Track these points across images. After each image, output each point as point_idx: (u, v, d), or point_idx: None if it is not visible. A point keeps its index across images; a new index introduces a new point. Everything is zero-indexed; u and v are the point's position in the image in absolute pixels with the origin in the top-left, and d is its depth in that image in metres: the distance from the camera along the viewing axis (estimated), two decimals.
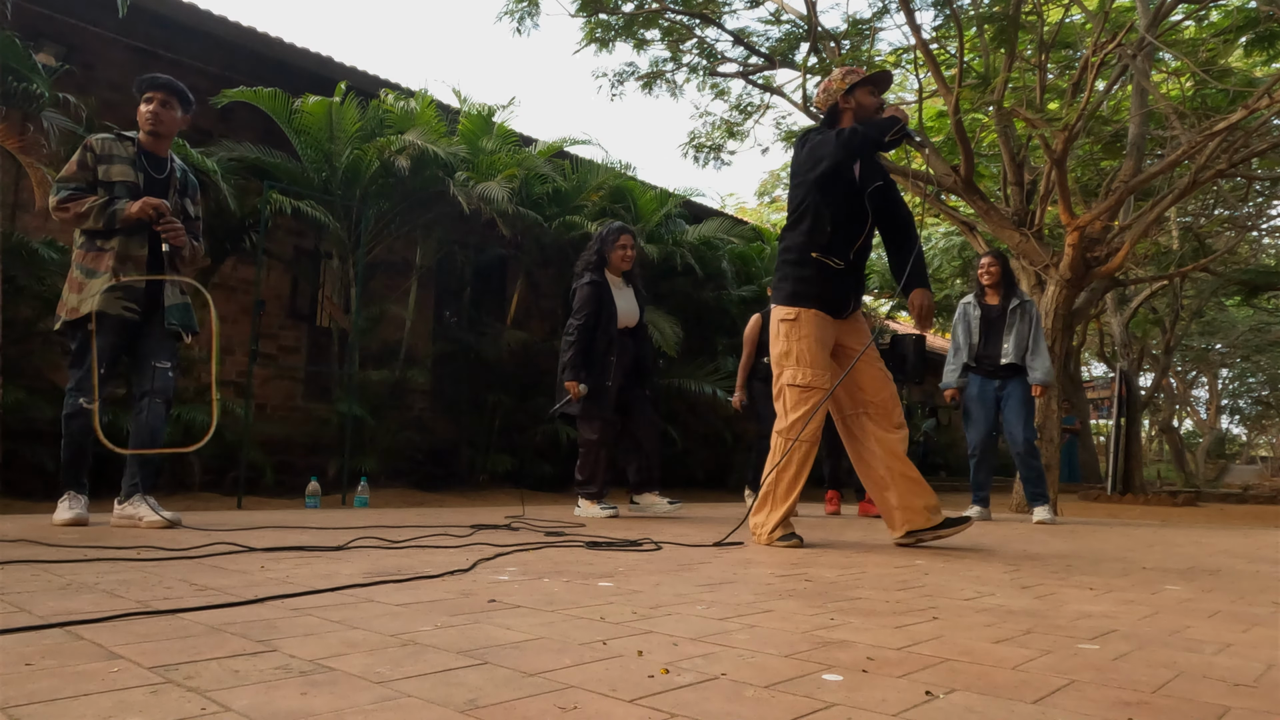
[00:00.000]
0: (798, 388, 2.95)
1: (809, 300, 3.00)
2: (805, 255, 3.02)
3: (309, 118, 6.20)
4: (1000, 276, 5.18)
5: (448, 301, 8.10)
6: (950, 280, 13.05)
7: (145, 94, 3.19)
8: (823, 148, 2.96)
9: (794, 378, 2.96)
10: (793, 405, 2.95)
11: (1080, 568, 2.61)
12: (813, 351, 2.97)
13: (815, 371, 2.95)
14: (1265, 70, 8.18)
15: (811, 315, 2.99)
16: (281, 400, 6.90)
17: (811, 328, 2.99)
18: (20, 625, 1.32)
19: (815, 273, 3.01)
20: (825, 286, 3.02)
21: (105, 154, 3.10)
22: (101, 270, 3.05)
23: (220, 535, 2.83)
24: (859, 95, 3.07)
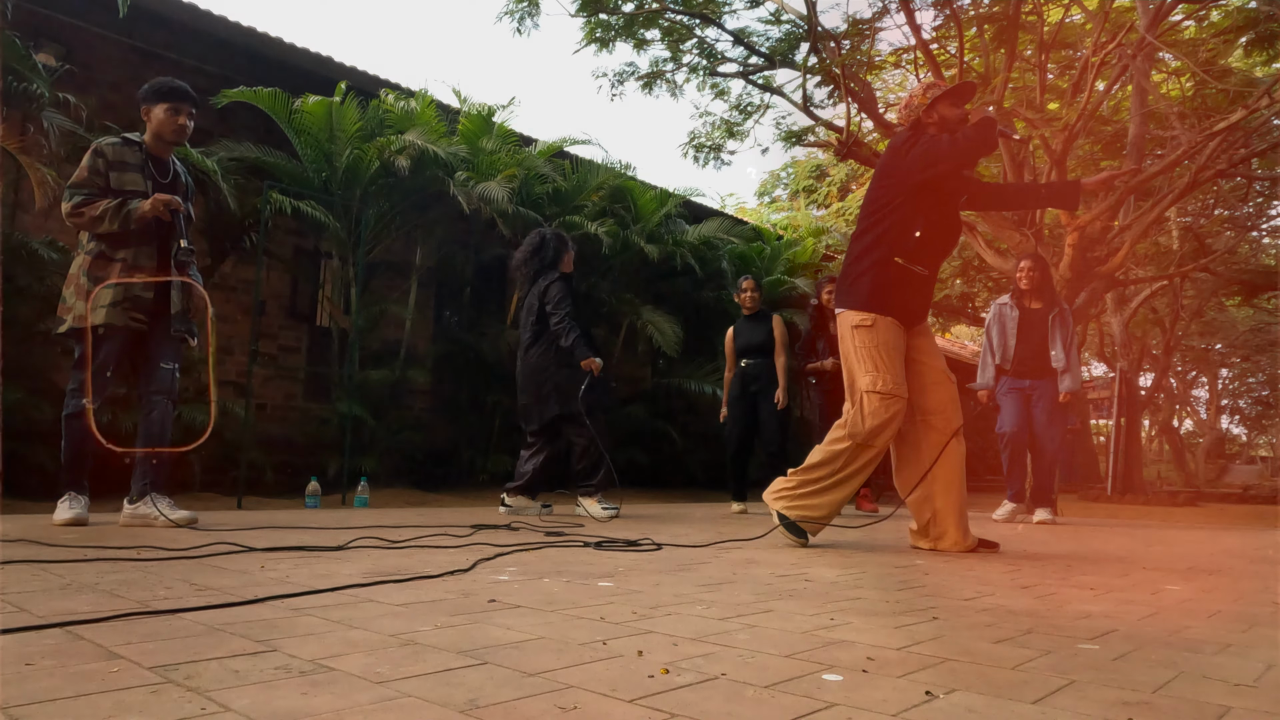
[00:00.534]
0: (882, 394, 2.86)
1: (887, 308, 2.93)
2: (888, 259, 2.94)
3: (309, 118, 6.20)
4: (1041, 280, 5.23)
5: (448, 301, 8.10)
6: (950, 280, 13.05)
7: (173, 104, 3.18)
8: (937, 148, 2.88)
9: (874, 384, 2.88)
10: (874, 411, 2.86)
11: (1080, 568, 2.61)
12: (891, 360, 2.90)
13: (896, 380, 2.88)
14: (1265, 70, 8.18)
15: (890, 324, 2.93)
16: (281, 400, 6.90)
17: (890, 335, 2.92)
18: (20, 625, 1.32)
19: (895, 280, 2.94)
20: (905, 295, 2.96)
21: (118, 161, 3.10)
22: (110, 280, 3.06)
23: (220, 535, 2.83)
24: (941, 109, 3.03)
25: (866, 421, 2.86)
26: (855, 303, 2.97)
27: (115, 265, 3.08)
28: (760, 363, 5.30)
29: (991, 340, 5.34)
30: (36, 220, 5.50)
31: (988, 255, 7.95)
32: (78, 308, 3.06)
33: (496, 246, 7.62)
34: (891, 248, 2.93)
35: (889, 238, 2.94)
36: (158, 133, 3.20)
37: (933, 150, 2.89)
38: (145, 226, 3.12)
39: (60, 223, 5.79)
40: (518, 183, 6.83)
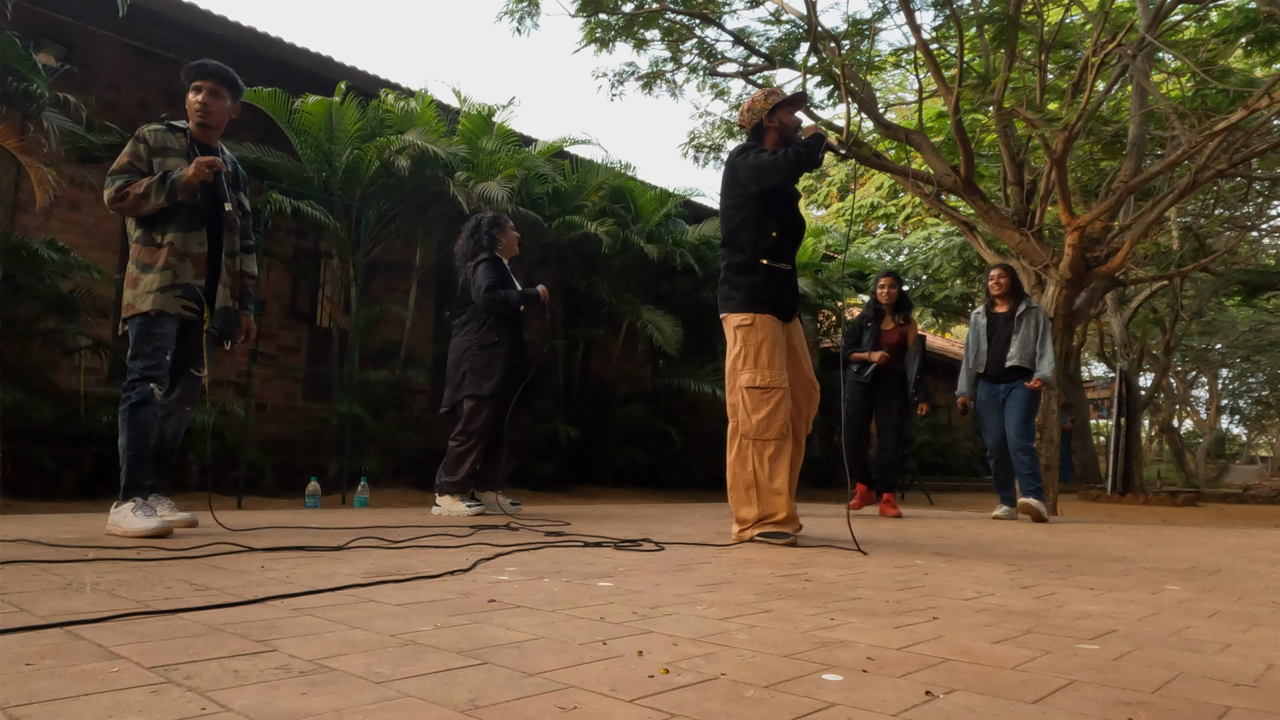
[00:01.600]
0: (758, 389, 3.04)
1: (763, 306, 3.13)
2: (755, 263, 3.16)
3: (309, 118, 6.20)
4: (1009, 287, 5.44)
5: (448, 301, 8.10)
6: (950, 280, 13.05)
7: (194, 82, 3.04)
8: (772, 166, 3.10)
9: (753, 379, 3.06)
10: (754, 406, 3.04)
11: (1080, 568, 2.61)
12: (770, 354, 3.08)
13: (774, 372, 3.06)
14: (1265, 70, 8.17)
15: (768, 320, 3.12)
16: (281, 400, 6.90)
17: (769, 331, 3.10)
18: (20, 625, 1.32)
19: (766, 279, 3.15)
20: (777, 292, 3.16)
21: (160, 146, 2.97)
22: (158, 265, 2.91)
23: (220, 535, 2.83)
24: (781, 115, 3.27)
25: (752, 416, 3.04)
26: (735, 306, 3.17)
27: (162, 251, 2.92)
28: None
29: (968, 348, 5.56)
30: (36, 220, 5.50)
31: (988, 255, 7.94)
32: (126, 297, 2.91)
33: None
34: (756, 252, 3.17)
35: (750, 244, 3.19)
36: (189, 115, 3.07)
37: (763, 167, 3.12)
38: (193, 208, 2.97)
39: (61, 222, 5.79)
40: (518, 183, 6.84)
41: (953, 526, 4.56)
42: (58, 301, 5.15)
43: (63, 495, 4.98)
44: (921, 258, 13.35)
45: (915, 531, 4.07)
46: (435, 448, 7.15)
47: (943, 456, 15.65)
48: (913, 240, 14.79)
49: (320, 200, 6.22)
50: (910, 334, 5.62)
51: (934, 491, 10.39)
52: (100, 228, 6.12)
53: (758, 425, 3.02)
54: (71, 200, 5.84)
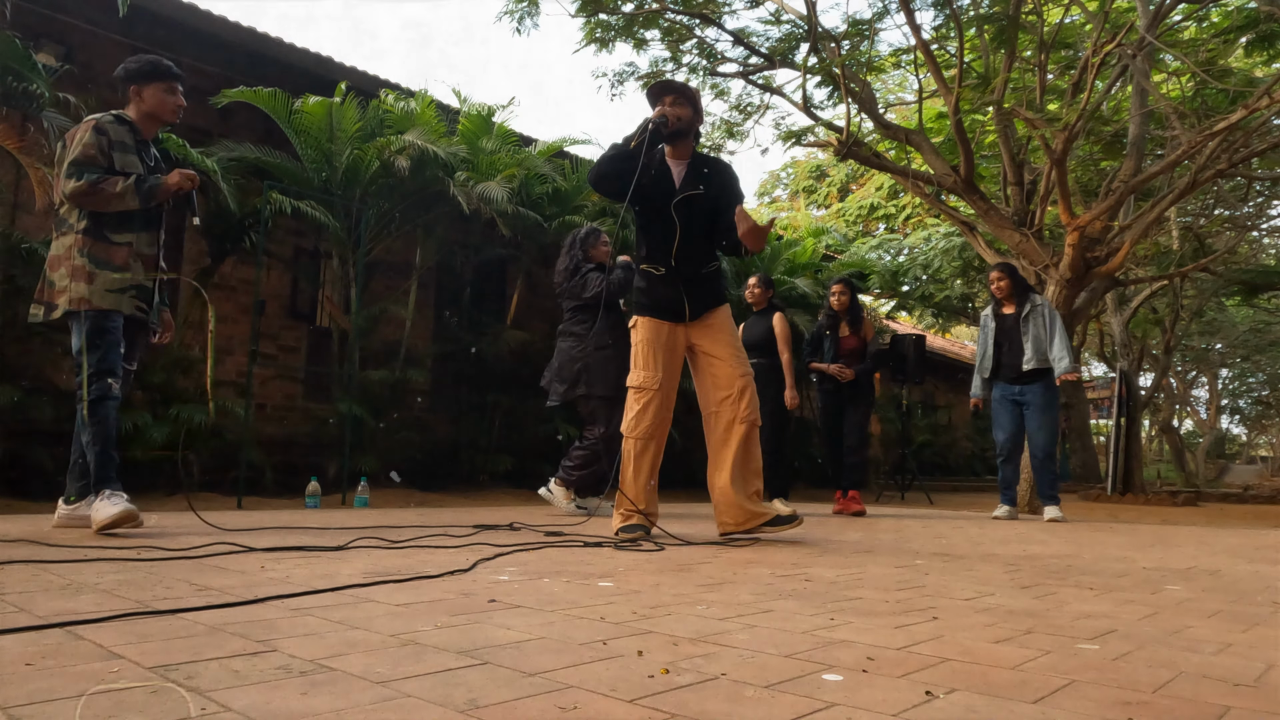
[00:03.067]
0: (634, 389, 3.19)
1: (642, 309, 3.26)
2: (638, 267, 3.32)
3: (309, 118, 6.20)
4: (1011, 288, 5.37)
5: (448, 301, 8.10)
6: (950, 280, 13.05)
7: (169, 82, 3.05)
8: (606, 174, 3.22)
9: (630, 379, 3.21)
10: (629, 405, 3.19)
11: (1080, 568, 2.61)
12: (645, 355, 3.20)
13: (647, 374, 3.17)
14: (1265, 70, 8.17)
15: (646, 322, 3.23)
16: (281, 400, 6.90)
17: (645, 332, 3.22)
18: (20, 625, 1.32)
19: (645, 283, 3.26)
20: (654, 295, 3.23)
21: (119, 141, 2.97)
22: (117, 264, 2.93)
23: (220, 535, 2.83)
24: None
25: (627, 414, 3.20)
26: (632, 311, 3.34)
27: (120, 250, 2.94)
28: (763, 362, 5.22)
29: (979, 350, 5.55)
30: (36, 220, 5.50)
31: (988, 255, 7.94)
32: (75, 289, 2.90)
33: (496, 246, 7.61)
34: (636, 257, 3.36)
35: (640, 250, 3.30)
36: (153, 113, 3.06)
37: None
38: (148, 211, 3.01)
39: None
40: (518, 183, 6.83)
41: (953, 526, 4.56)
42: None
43: None
44: (921, 258, 13.35)
45: (915, 531, 4.07)
46: (435, 448, 7.16)
47: (943, 456, 15.66)
48: (913, 240, 14.80)
49: (320, 200, 6.22)
50: (868, 333, 5.61)
51: (934, 491, 10.39)
52: None
53: (628, 423, 3.18)
54: None
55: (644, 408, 3.15)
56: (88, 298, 2.89)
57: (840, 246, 13.11)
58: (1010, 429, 5.34)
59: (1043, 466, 5.31)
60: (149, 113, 3.07)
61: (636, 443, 3.17)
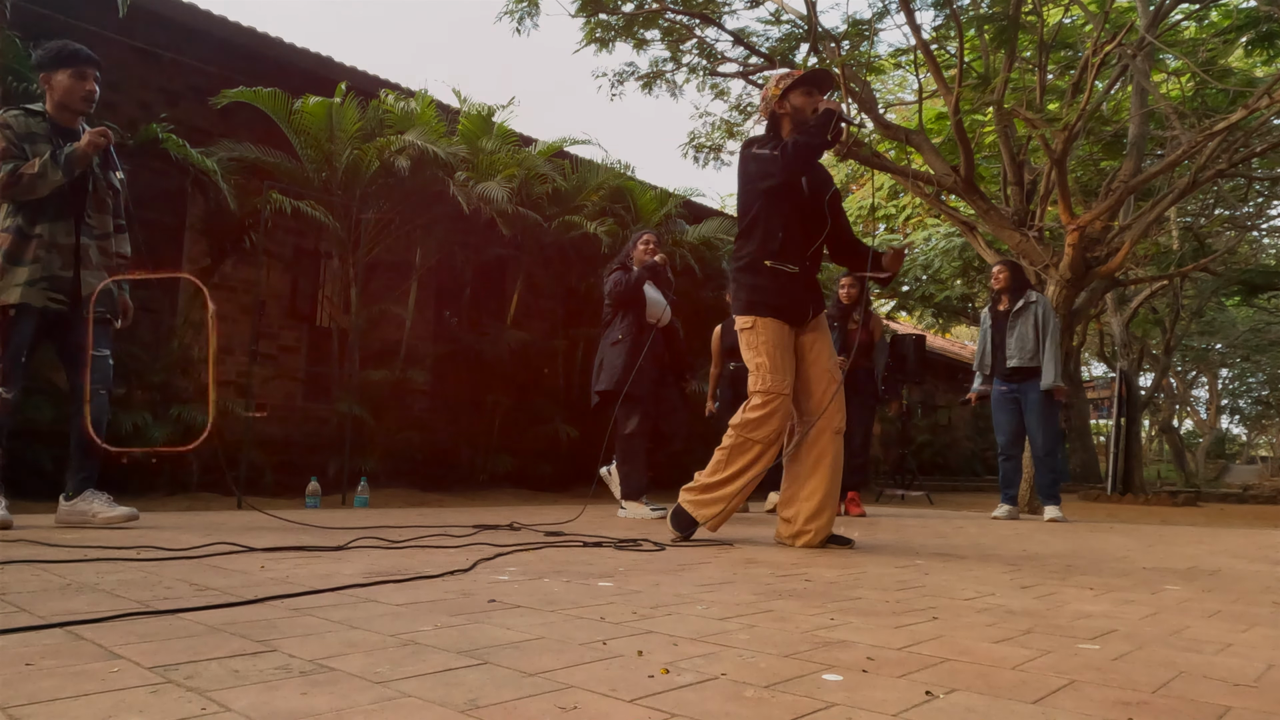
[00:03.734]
0: (759, 393, 2.96)
1: (765, 309, 3.02)
2: (758, 264, 3.04)
3: (309, 118, 6.20)
4: (1008, 282, 5.38)
5: (448, 301, 8.10)
6: (950, 281, 13.05)
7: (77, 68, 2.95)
8: (770, 164, 2.98)
9: (754, 384, 2.99)
10: (753, 406, 2.97)
11: (1080, 568, 2.61)
12: (776, 358, 2.98)
13: (778, 378, 2.96)
14: (1265, 70, 8.17)
15: (772, 323, 3.02)
16: (281, 400, 6.90)
17: (773, 334, 3.00)
18: (20, 625, 1.32)
19: (769, 281, 3.03)
20: (781, 295, 3.04)
21: (26, 133, 2.91)
22: (27, 259, 2.87)
23: (220, 535, 2.83)
24: (793, 99, 3.07)
25: (745, 415, 2.97)
26: (738, 308, 3.09)
27: (31, 242, 2.88)
28: None
29: (979, 347, 5.58)
30: None
31: (988, 255, 7.94)
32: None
33: (496, 246, 7.61)
34: (760, 252, 3.04)
35: (757, 243, 3.06)
36: (63, 102, 2.98)
37: (765, 166, 2.99)
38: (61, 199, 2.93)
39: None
40: (518, 183, 6.83)
41: (953, 526, 4.56)
42: None
43: None
44: (922, 258, 13.35)
45: (915, 531, 4.07)
46: (435, 448, 7.16)
47: (943, 456, 15.66)
48: (913, 240, 14.79)
49: (320, 200, 6.22)
50: (875, 330, 5.60)
51: (934, 491, 10.39)
52: None
53: (748, 423, 2.96)
54: None
55: (772, 412, 2.93)
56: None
57: None
58: (1009, 428, 5.35)
59: (1043, 465, 5.32)
60: (60, 102, 2.98)
61: (755, 446, 2.95)
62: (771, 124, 3.15)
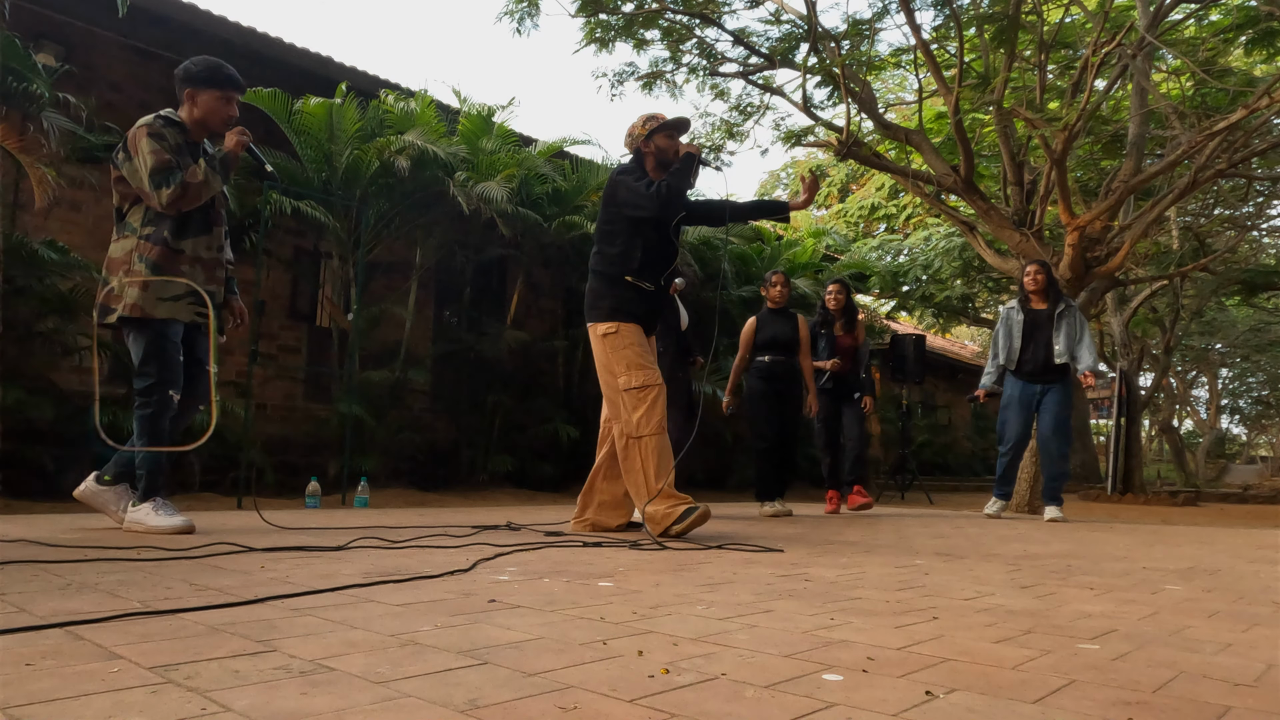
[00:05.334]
0: (635, 389, 3.24)
1: (627, 316, 3.33)
2: (619, 278, 3.34)
3: (309, 118, 6.20)
4: (1046, 284, 5.35)
5: (448, 301, 8.10)
6: (950, 281, 13.05)
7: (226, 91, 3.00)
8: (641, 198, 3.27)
9: (629, 382, 3.25)
10: (633, 405, 3.24)
11: (1080, 568, 2.61)
12: (643, 355, 3.30)
13: (651, 371, 3.28)
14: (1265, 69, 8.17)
15: (633, 327, 3.32)
16: (281, 400, 6.90)
17: (636, 336, 3.32)
18: (20, 625, 1.32)
19: (632, 294, 3.35)
20: (639, 305, 3.36)
21: (175, 145, 2.93)
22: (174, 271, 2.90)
23: (220, 535, 2.83)
24: (657, 140, 3.40)
25: (632, 415, 3.23)
26: (601, 315, 3.36)
27: (180, 257, 2.92)
28: (788, 360, 5.22)
29: (998, 343, 5.45)
30: (36, 220, 5.50)
31: (988, 255, 7.94)
32: (130, 295, 2.85)
33: (496, 246, 7.62)
34: (621, 268, 3.35)
35: (618, 258, 3.36)
36: (203, 120, 3.00)
37: (636, 198, 3.29)
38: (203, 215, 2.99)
39: (61, 222, 5.80)
40: (517, 183, 6.83)
41: (953, 526, 4.56)
42: (58, 301, 5.15)
43: (63, 495, 4.98)
44: (922, 258, 13.35)
45: (915, 531, 4.07)
46: (435, 448, 7.16)
47: (943, 456, 15.66)
48: (913, 241, 14.80)
49: (320, 200, 6.22)
50: (860, 335, 5.67)
51: (934, 491, 10.40)
52: (100, 228, 6.11)
53: (637, 423, 3.21)
54: (71, 200, 5.84)
55: (653, 403, 3.24)
56: (142, 305, 2.85)
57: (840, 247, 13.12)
58: (1020, 427, 5.30)
59: (1057, 466, 5.31)
60: (200, 119, 3.01)
61: (652, 439, 3.23)
62: (635, 158, 3.48)
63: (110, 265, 2.92)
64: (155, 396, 2.85)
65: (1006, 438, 5.39)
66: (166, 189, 2.82)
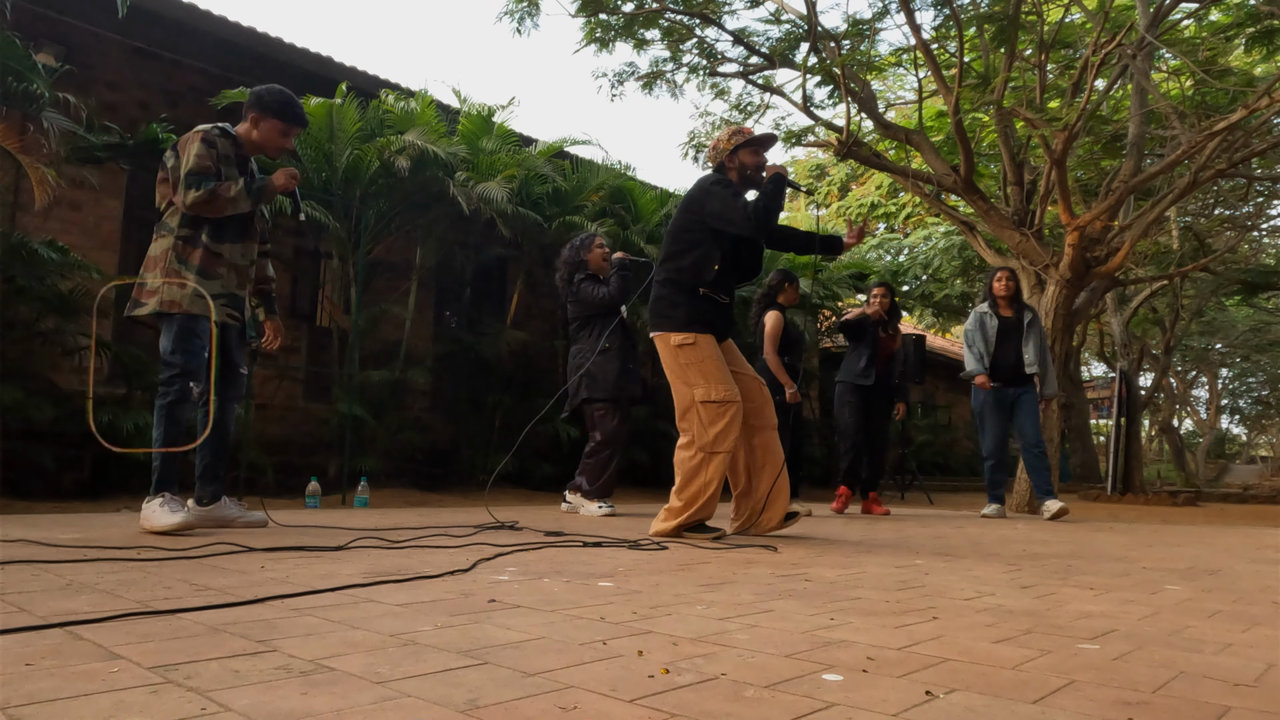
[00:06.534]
0: (714, 404, 3.13)
1: (703, 326, 3.23)
2: (694, 289, 3.25)
3: (309, 118, 6.20)
4: (1016, 291, 5.55)
5: (448, 301, 8.10)
6: (950, 280, 13.04)
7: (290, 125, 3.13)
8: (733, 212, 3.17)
9: (708, 394, 3.15)
10: (710, 420, 3.13)
11: (1080, 568, 2.61)
12: (719, 370, 3.19)
13: (727, 387, 3.16)
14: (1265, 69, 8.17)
15: (708, 339, 3.23)
16: (281, 400, 6.90)
17: (711, 348, 3.21)
18: (20, 625, 1.32)
19: (706, 304, 3.26)
20: (714, 316, 3.28)
21: (225, 155, 3.02)
22: (210, 272, 2.99)
23: (220, 535, 2.83)
24: (743, 155, 3.34)
25: (708, 430, 3.13)
26: (675, 325, 3.24)
27: (218, 261, 3.02)
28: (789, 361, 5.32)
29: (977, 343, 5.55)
30: (36, 220, 5.50)
31: (987, 255, 7.94)
32: (167, 292, 2.91)
33: (496, 247, 7.62)
34: (695, 279, 3.25)
35: (692, 269, 3.26)
36: (261, 144, 3.12)
37: (731, 213, 3.18)
38: (244, 221, 3.09)
39: (61, 222, 5.79)
40: (518, 183, 6.83)
41: (953, 526, 4.56)
42: (58, 301, 5.15)
43: (63, 495, 4.98)
44: (921, 257, 13.35)
45: (915, 531, 4.07)
46: (435, 448, 7.16)
47: (943, 456, 15.65)
48: (913, 240, 14.80)
49: (320, 200, 6.22)
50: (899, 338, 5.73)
51: (934, 491, 10.39)
52: (100, 227, 6.11)
53: (715, 438, 3.12)
54: (71, 200, 5.84)
55: (731, 421, 3.14)
56: (179, 301, 2.93)
57: None
58: (999, 432, 5.47)
59: (1037, 460, 5.39)
60: (257, 142, 3.12)
61: (725, 456, 3.15)
62: (718, 172, 3.39)
63: (147, 263, 3.02)
64: (176, 386, 2.90)
65: (987, 445, 5.52)
66: (195, 191, 2.90)
